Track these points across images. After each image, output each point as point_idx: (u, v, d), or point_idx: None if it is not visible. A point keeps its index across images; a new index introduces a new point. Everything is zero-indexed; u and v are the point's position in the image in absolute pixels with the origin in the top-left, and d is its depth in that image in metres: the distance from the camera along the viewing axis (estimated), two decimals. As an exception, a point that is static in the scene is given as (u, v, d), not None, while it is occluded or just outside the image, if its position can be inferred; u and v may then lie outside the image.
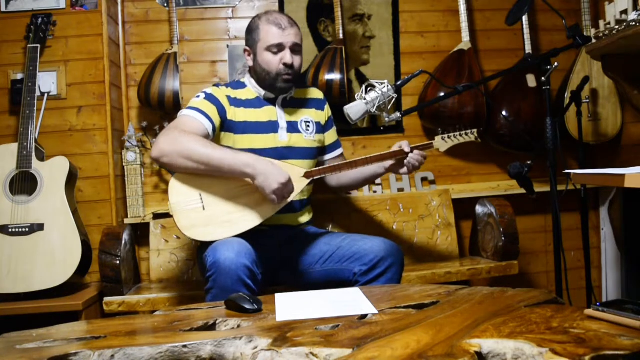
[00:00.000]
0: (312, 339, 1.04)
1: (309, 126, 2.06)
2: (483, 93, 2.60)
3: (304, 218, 2.08)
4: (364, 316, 1.22)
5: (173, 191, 1.80)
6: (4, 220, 2.16)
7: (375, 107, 1.88)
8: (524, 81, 2.62)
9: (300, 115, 2.06)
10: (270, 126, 1.99)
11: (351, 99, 2.34)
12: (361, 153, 2.74)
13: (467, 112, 2.55)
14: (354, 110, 1.88)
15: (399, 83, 1.93)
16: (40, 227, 2.16)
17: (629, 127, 2.61)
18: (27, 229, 2.15)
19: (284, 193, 1.77)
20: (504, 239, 2.30)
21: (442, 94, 2.48)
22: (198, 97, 1.93)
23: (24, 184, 2.20)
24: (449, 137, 2.01)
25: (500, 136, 2.62)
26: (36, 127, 2.30)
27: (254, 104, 2.00)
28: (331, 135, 2.18)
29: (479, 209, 2.54)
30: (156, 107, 2.50)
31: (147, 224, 2.44)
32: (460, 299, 1.32)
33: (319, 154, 2.13)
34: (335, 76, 2.54)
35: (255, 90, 2.02)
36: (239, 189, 1.82)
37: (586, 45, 2.09)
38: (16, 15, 2.43)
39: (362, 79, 2.74)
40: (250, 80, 2.04)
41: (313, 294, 1.49)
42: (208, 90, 1.96)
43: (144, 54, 2.65)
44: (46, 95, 2.43)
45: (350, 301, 1.37)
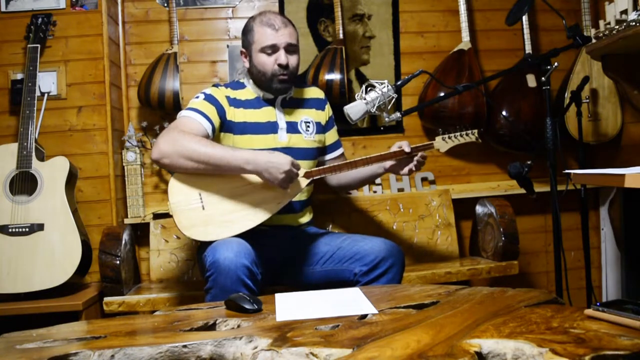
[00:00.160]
0: (312, 339, 1.04)
1: (309, 126, 2.05)
2: (483, 93, 2.60)
3: (304, 218, 2.08)
4: (364, 316, 1.22)
5: (173, 191, 1.80)
6: (4, 220, 2.16)
7: (375, 107, 1.88)
8: (524, 81, 2.62)
9: (300, 115, 2.06)
10: (269, 127, 1.99)
11: (351, 99, 2.34)
12: (361, 153, 2.74)
13: (467, 112, 2.55)
14: (354, 110, 1.88)
15: (399, 83, 1.93)
16: (40, 227, 2.16)
17: (629, 127, 2.61)
18: (27, 229, 2.15)
19: (292, 177, 1.78)
20: (504, 239, 2.30)
21: (442, 94, 2.48)
22: (197, 97, 1.93)
23: (24, 184, 2.20)
24: (450, 138, 2.00)
25: (500, 136, 2.62)
26: (36, 127, 2.30)
27: (253, 104, 2.00)
28: (332, 135, 2.18)
29: (479, 209, 2.54)
30: (156, 107, 2.50)
31: (147, 224, 2.44)
32: (460, 299, 1.32)
33: (319, 154, 2.13)
34: (335, 76, 2.54)
35: (254, 90, 2.02)
36: (238, 188, 1.82)
37: (586, 45, 2.09)
38: (16, 15, 2.43)
39: (362, 79, 2.74)
40: (249, 81, 2.04)
41: (313, 294, 1.49)
42: (207, 90, 1.96)
43: (144, 54, 2.65)
44: (46, 95, 2.43)
45: (350, 301, 1.37)
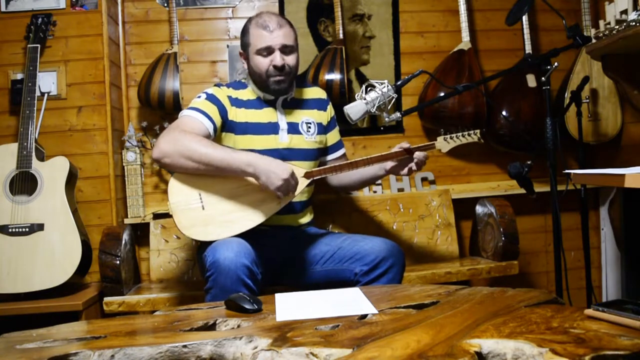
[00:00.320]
0: (312, 339, 1.04)
1: (309, 127, 2.05)
2: (483, 93, 2.60)
3: (305, 219, 2.08)
4: (364, 316, 1.22)
5: (173, 191, 1.80)
6: (4, 220, 2.16)
7: (375, 107, 1.88)
8: (524, 81, 2.62)
9: (301, 116, 2.05)
10: (270, 127, 1.98)
11: (351, 99, 2.34)
12: (361, 153, 2.74)
13: (467, 112, 2.55)
14: (354, 110, 1.88)
15: (399, 83, 1.93)
16: (40, 227, 2.16)
17: (629, 127, 2.61)
18: (27, 229, 2.15)
19: (289, 187, 1.76)
20: (504, 239, 2.30)
21: (442, 94, 2.48)
22: (199, 97, 1.93)
23: (24, 184, 2.20)
24: (451, 138, 1.99)
25: (500, 136, 2.62)
26: (36, 127, 2.30)
27: (254, 104, 2.00)
28: (333, 136, 2.18)
29: (479, 209, 2.54)
30: (156, 107, 2.50)
31: (147, 224, 2.44)
32: (460, 299, 1.32)
33: (320, 154, 2.12)
34: (335, 76, 2.54)
35: (255, 91, 2.02)
36: (239, 188, 1.82)
37: (586, 45, 2.09)
38: (16, 15, 2.43)
39: (362, 79, 2.74)
40: (250, 81, 2.04)
41: (313, 294, 1.49)
42: (209, 90, 1.96)
43: (144, 54, 2.65)
44: (46, 95, 2.43)
45: (350, 301, 1.37)
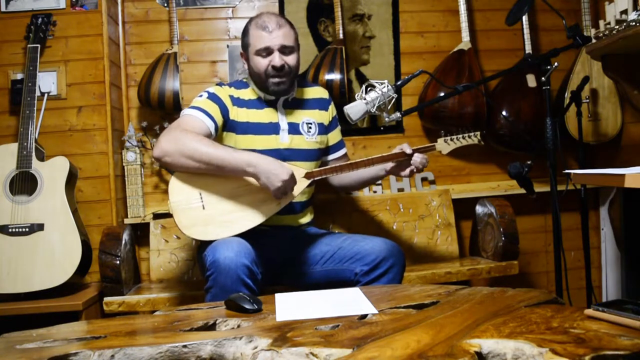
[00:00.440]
0: (312, 339, 1.04)
1: (310, 127, 2.05)
2: (483, 93, 2.60)
3: (305, 219, 2.08)
4: (364, 316, 1.22)
5: (173, 190, 1.80)
6: (4, 220, 2.16)
7: (375, 107, 1.88)
8: (524, 81, 2.62)
9: (302, 116, 2.05)
10: (271, 128, 1.98)
11: (351, 99, 2.34)
12: (361, 153, 2.74)
13: (467, 112, 2.55)
14: (354, 110, 1.88)
15: (399, 83, 1.93)
16: (40, 227, 2.16)
17: (629, 127, 2.61)
18: (27, 229, 2.15)
19: (288, 189, 1.77)
20: (504, 239, 2.30)
21: (442, 94, 2.48)
22: (201, 96, 1.93)
23: (24, 184, 2.20)
24: (452, 140, 1.99)
25: (500, 136, 2.62)
26: (36, 127, 2.30)
27: (256, 104, 2.00)
28: (335, 136, 2.17)
29: (479, 209, 2.54)
30: (156, 107, 2.50)
31: (147, 224, 2.44)
32: (460, 299, 1.32)
33: (321, 154, 2.12)
34: (335, 76, 2.54)
35: (256, 91, 2.02)
36: (239, 188, 1.82)
37: (586, 45, 2.09)
38: (16, 15, 2.43)
39: (362, 79, 2.74)
40: (251, 81, 2.04)
41: (313, 294, 1.49)
42: (211, 89, 1.95)
43: (144, 54, 2.65)
44: (46, 95, 2.42)
45: (350, 301, 1.37)
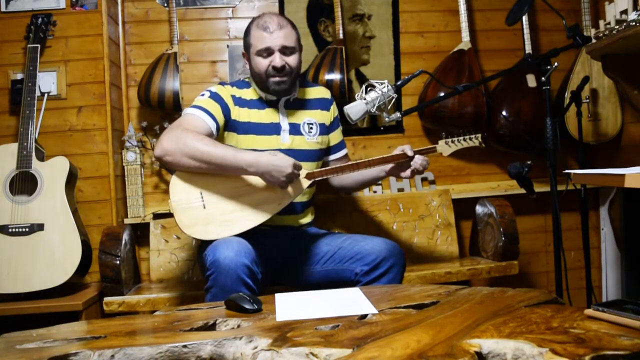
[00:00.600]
0: (312, 339, 1.04)
1: (311, 128, 2.04)
2: (483, 93, 2.60)
3: (306, 219, 2.08)
4: (364, 316, 1.22)
5: (174, 189, 1.80)
6: (4, 220, 2.16)
7: (375, 107, 1.88)
8: (524, 81, 2.62)
9: (304, 117, 2.04)
10: (272, 128, 1.98)
11: (351, 99, 2.34)
12: (361, 153, 2.74)
13: (467, 112, 2.55)
14: (354, 110, 1.88)
15: (399, 83, 1.93)
16: (40, 227, 2.16)
17: (629, 127, 2.61)
18: (27, 229, 2.15)
19: (292, 178, 1.80)
20: (504, 239, 2.30)
21: (442, 94, 2.48)
22: (203, 95, 1.92)
23: (24, 184, 2.20)
24: (453, 142, 2.00)
25: (500, 136, 2.62)
26: (36, 127, 2.30)
27: (257, 104, 2.00)
28: (336, 136, 2.17)
29: (479, 209, 2.54)
30: (156, 107, 2.50)
31: (147, 224, 2.44)
32: (460, 299, 1.32)
33: (322, 155, 2.11)
34: (335, 76, 2.54)
35: (258, 91, 2.02)
36: (240, 188, 1.82)
37: (586, 45, 2.09)
38: (16, 15, 2.43)
39: (362, 79, 2.74)
40: (252, 81, 2.04)
41: (313, 294, 1.49)
42: (213, 88, 1.95)
43: (144, 54, 2.65)
44: (46, 95, 2.42)
45: (350, 301, 1.37)
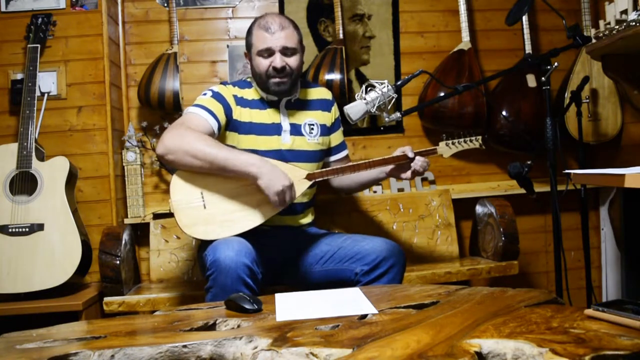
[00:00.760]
0: (312, 339, 1.04)
1: (312, 129, 2.04)
2: (483, 93, 2.60)
3: (306, 220, 2.08)
4: (364, 316, 1.22)
5: (175, 189, 1.80)
6: (4, 220, 2.16)
7: (375, 107, 1.88)
8: (524, 81, 2.62)
9: (305, 117, 2.04)
10: (273, 128, 1.98)
11: (351, 99, 2.34)
12: (361, 153, 2.75)
13: (467, 112, 2.55)
14: (354, 110, 1.88)
15: (399, 83, 1.93)
16: (40, 227, 2.16)
17: (629, 127, 2.61)
18: (27, 229, 2.15)
19: (285, 197, 1.76)
20: (504, 239, 2.30)
21: (442, 94, 2.48)
22: (205, 94, 1.92)
23: (24, 184, 2.20)
24: (453, 143, 2.00)
25: (500, 136, 2.62)
26: (36, 127, 2.30)
27: (258, 105, 1.99)
28: (337, 137, 2.17)
29: (479, 209, 2.54)
30: (156, 107, 2.50)
31: (147, 224, 2.44)
32: (460, 299, 1.32)
33: (323, 156, 2.11)
34: (335, 76, 2.54)
35: (259, 91, 2.02)
36: (240, 188, 1.82)
37: (586, 45, 2.09)
38: (16, 15, 2.43)
39: (362, 79, 2.74)
40: (254, 81, 2.04)
41: (313, 294, 1.49)
42: (215, 88, 1.95)
43: (144, 54, 2.65)
44: (46, 95, 2.43)
45: (350, 301, 1.37)
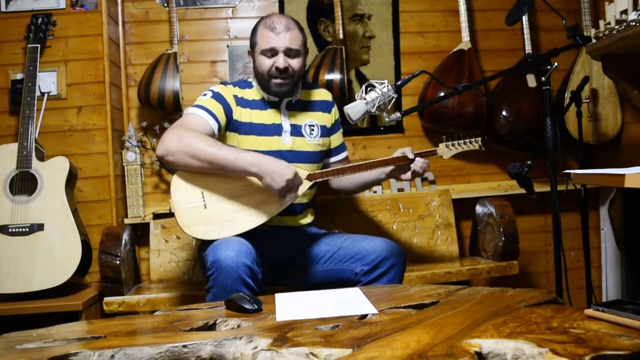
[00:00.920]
0: (312, 339, 1.04)
1: (313, 130, 2.04)
2: (483, 93, 2.60)
3: (306, 220, 2.08)
4: (364, 316, 1.22)
5: (175, 189, 1.80)
6: (4, 220, 2.16)
7: (375, 107, 1.88)
8: (524, 81, 2.62)
9: (305, 118, 2.04)
10: (274, 129, 1.98)
11: (351, 99, 2.34)
12: (361, 153, 2.75)
13: (467, 112, 2.55)
14: (354, 110, 1.88)
15: (399, 83, 1.93)
16: (40, 227, 2.16)
17: (629, 127, 2.61)
18: (27, 229, 2.15)
19: (292, 188, 1.76)
20: (504, 239, 2.30)
21: (442, 94, 2.48)
22: (205, 94, 1.92)
23: (24, 184, 2.20)
24: (453, 145, 2.01)
25: (500, 136, 2.62)
26: (36, 127, 2.30)
27: (259, 105, 1.99)
28: (337, 138, 2.17)
29: (479, 209, 2.54)
30: (156, 107, 2.50)
31: (147, 224, 2.44)
32: (460, 299, 1.32)
33: (323, 157, 2.11)
34: (335, 76, 2.54)
35: (260, 91, 2.02)
36: (241, 188, 1.82)
37: (586, 45, 2.09)
38: (16, 15, 2.43)
39: (362, 79, 2.74)
40: (255, 81, 2.04)
41: (313, 294, 1.49)
42: (215, 88, 1.95)
43: (144, 54, 2.65)
44: (46, 95, 2.43)
45: (350, 301, 1.37)
